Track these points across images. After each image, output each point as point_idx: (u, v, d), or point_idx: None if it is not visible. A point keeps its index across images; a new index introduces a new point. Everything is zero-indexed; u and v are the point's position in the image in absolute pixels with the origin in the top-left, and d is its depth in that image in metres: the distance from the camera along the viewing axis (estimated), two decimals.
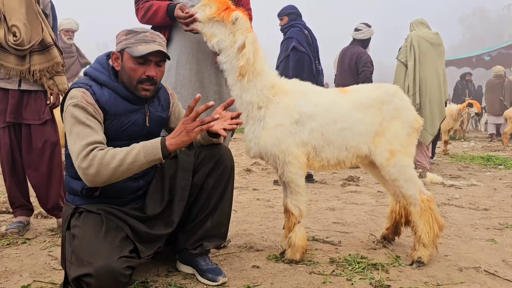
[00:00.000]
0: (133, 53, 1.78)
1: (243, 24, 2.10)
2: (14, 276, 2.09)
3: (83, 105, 1.74)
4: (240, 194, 4.16)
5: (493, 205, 3.69)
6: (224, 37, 2.11)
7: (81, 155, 1.67)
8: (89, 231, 1.73)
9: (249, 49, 2.07)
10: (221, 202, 2.06)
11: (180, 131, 1.75)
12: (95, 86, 1.83)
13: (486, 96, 11.04)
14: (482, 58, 15.96)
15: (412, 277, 2.06)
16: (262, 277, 2.07)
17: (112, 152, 1.68)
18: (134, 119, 1.89)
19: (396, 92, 2.32)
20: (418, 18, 5.78)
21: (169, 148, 1.72)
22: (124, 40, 1.82)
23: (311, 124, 2.17)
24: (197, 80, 2.33)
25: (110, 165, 1.66)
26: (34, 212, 3.23)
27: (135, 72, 1.81)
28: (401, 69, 5.57)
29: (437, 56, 5.48)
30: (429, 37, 5.47)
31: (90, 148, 1.68)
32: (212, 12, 2.08)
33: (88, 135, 1.70)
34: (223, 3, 2.10)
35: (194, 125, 1.74)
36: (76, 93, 1.78)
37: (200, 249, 2.06)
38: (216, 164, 2.04)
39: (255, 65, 2.12)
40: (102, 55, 1.96)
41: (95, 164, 1.65)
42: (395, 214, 2.51)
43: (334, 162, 2.25)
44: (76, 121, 1.72)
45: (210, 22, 2.11)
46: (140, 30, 1.83)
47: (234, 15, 2.08)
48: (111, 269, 1.59)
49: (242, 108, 2.20)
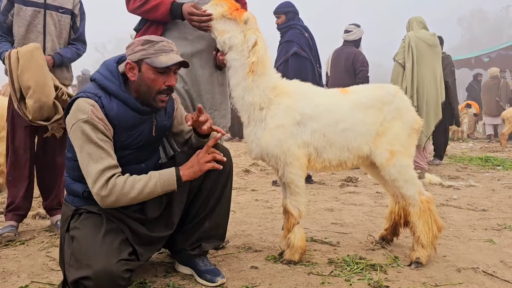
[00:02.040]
0: (154, 64, 1.76)
1: (253, 25, 2.16)
2: (12, 277, 2.08)
3: (94, 122, 1.71)
4: (238, 195, 4.16)
5: (491, 206, 3.69)
6: (236, 34, 2.15)
7: (99, 183, 1.68)
8: (88, 233, 1.72)
9: (262, 46, 2.12)
10: (219, 203, 2.06)
11: (193, 164, 1.86)
12: (104, 97, 1.78)
13: (482, 97, 11.13)
14: (481, 59, 15.99)
15: (411, 278, 2.06)
16: (260, 277, 2.06)
17: (131, 182, 1.72)
18: (142, 130, 1.88)
19: (397, 92, 2.32)
20: (417, 17, 5.74)
21: (183, 179, 1.83)
22: (142, 51, 1.78)
23: (313, 125, 2.17)
24: (191, 78, 2.34)
25: (129, 195, 1.71)
26: (33, 213, 3.24)
27: (155, 83, 1.80)
28: (398, 70, 5.56)
29: (434, 57, 5.48)
30: (426, 38, 5.46)
31: (107, 176, 1.68)
32: (226, 10, 2.14)
33: (102, 158, 1.70)
34: (233, 4, 2.18)
35: (207, 159, 1.88)
36: (85, 105, 1.73)
37: (198, 250, 2.06)
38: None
39: (263, 64, 2.15)
40: (110, 60, 1.90)
41: (115, 193, 1.69)
42: (394, 215, 2.51)
43: (336, 163, 2.26)
44: (88, 140, 1.70)
45: (223, 19, 2.15)
46: (157, 39, 1.80)
47: (246, 15, 2.15)
48: (110, 272, 1.59)
49: (244, 109, 2.20)
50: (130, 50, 1.81)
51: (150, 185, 1.74)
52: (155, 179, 1.75)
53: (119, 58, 1.89)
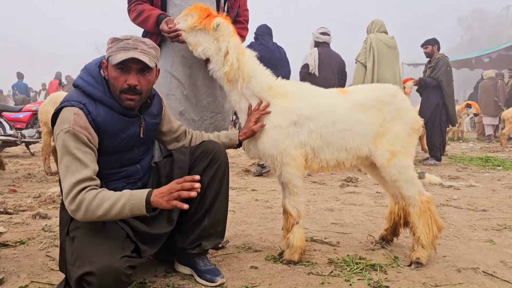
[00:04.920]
0: (112, 61, 1.74)
1: (225, 30, 2.07)
2: (12, 277, 2.08)
3: (75, 131, 1.67)
4: (238, 195, 4.16)
5: (491, 206, 3.69)
6: (209, 44, 2.09)
7: (70, 196, 1.63)
8: (90, 231, 1.72)
9: (232, 54, 2.05)
10: (217, 200, 2.06)
11: (164, 194, 1.66)
12: (90, 104, 1.74)
13: (480, 98, 11.32)
14: (481, 60, 15.96)
15: (411, 278, 2.06)
16: (260, 277, 2.06)
17: (99, 200, 1.63)
18: (130, 133, 1.87)
19: (397, 92, 2.31)
20: (379, 20, 6.05)
21: (153, 205, 1.67)
22: (109, 49, 1.78)
23: (310, 125, 2.16)
24: (190, 83, 2.34)
25: (96, 213, 1.63)
26: (33, 213, 3.24)
27: (117, 81, 1.76)
28: (360, 70, 5.81)
29: (394, 58, 5.80)
30: (386, 40, 5.79)
31: (78, 189, 1.63)
32: (194, 21, 2.06)
33: (77, 171, 1.65)
34: (204, 10, 2.08)
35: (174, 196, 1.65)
36: (67, 115, 1.69)
37: (198, 249, 2.06)
38: (210, 162, 2.04)
39: (243, 69, 2.10)
40: (91, 65, 1.86)
41: (82, 209, 1.63)
42: (394, 215, 2.51)
43: (334, 164, 2.25)
44: (66, 151, 1.66)
45: (193, 31, 2.08)
46: (123, 37, 1.78)
47: (215, 22, 2.05)
48: (113, 268, 1.58)
49: (242, 112, 2.20)
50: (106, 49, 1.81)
51: (118, 205, 1.63)
52: (124, 200, 1.64)
53: (99, 61, 1.86)
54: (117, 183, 1.88)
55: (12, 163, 6.41)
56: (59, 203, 2.92)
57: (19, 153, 7.85)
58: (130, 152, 1.91)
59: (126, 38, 1.78)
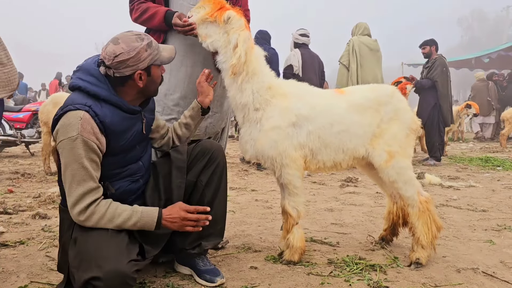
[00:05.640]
0: (163, 61, 1.85)
1: (236, 23, 2.07)
2: (11, 277, 2.08)
3: (84, 138, 1.64)
4: (238, 195, 4.16)
5: (491, 206, 3.69)
6: (218, 37, 2.09)
7: (78, 208, 1.65)
8: (95, 234, 1.69)
9: (241, 47, 2.04)
10: (216, 199, 2.06)
11: (175, 219, 1.79)
12: (95, 105, 1.70)
13: (472, 99, 11.62)
14: (481, 60, 15.95)
15: (410, 278, 2.06)
16: (260, 278, 2.06)
17: (110, 215, 1.69)
18: (135, 130, 1.87)
19: (394, 93, 2.31)
20: (363, 23, 6.19)
21: (163, 225, 1.78)
22: (149, 56, 1.77)
23: (308, 126, 2.16)
24: (190, 82, 2.34)
25: (106, 226, 1.69)
26: (32, 213, 3.24)
27: (159, 77, 1.89)
28: (343, 71, 5.97)
29: (376, 61, 5.96)
30: (368, 43, 5.94)
31: (88, 202, 1.65)
32: (205, 13, 2.07)
33: (84, 180, 1.65)
34: (217, 3, 2.09)
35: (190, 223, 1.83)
36: (73, 121, 1.65)
37: (198, 249, 2.06)
38: (208, 161, 2.04)
39: (249, 64, 2.09)
40: (89, 63, 1.81)
41: (92, 221, 1.67)
42: (392, 215, 2.51)
43: (331, 165, 2.25)
44: (74, 160, 1.64)
45: (204, 23, 2.09)
46: (147, 38, 1.79)
47: (227, 15, 2.06)
48: (121, 273, 1.57)
49: (238, 109, 2.19)
50: (136, 60, 1.73)
51: (129, 224, 1.71)
52: (135, 219, 1.72)
53: (96, 60, 1.82)
54: (122, 182, 1.86)
55: (12, 163, 6.41)
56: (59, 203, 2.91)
57: (19, 153, 7.85)
58: (133, 150, 1.90)
59: (148, 37, 1.80)
